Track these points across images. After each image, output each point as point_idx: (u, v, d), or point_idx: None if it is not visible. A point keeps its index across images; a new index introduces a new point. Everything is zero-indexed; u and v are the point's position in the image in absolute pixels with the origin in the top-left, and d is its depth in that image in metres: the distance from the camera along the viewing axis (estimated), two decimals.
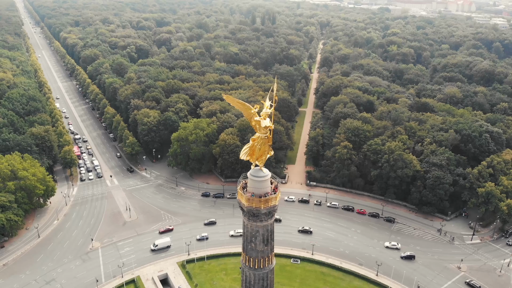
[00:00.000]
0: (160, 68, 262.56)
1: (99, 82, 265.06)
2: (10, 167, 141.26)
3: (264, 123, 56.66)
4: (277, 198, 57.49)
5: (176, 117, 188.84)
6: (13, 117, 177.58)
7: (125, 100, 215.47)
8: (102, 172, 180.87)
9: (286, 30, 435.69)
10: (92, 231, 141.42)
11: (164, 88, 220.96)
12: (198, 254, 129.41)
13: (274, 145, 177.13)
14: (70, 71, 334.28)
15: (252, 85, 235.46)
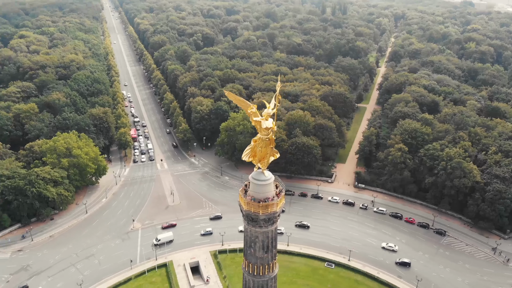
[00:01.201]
0: (220, 57, 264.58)
1: (163, 68, 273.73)
2: (66, 144, 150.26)
3: (265, 124, 52.75)
4: (278, 205, 53.52)
5: (227, 107, 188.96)
6: (76, 98, 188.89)
7: (183, 87, 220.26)
8: (155, 156, 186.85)
9: (357, 21, 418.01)
10: (136, 212, 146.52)
11: (221, 78, 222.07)
12: (232, 246, 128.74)
13: (323, 141, 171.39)
14: (139, 56, 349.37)
15: (309, 77, 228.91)
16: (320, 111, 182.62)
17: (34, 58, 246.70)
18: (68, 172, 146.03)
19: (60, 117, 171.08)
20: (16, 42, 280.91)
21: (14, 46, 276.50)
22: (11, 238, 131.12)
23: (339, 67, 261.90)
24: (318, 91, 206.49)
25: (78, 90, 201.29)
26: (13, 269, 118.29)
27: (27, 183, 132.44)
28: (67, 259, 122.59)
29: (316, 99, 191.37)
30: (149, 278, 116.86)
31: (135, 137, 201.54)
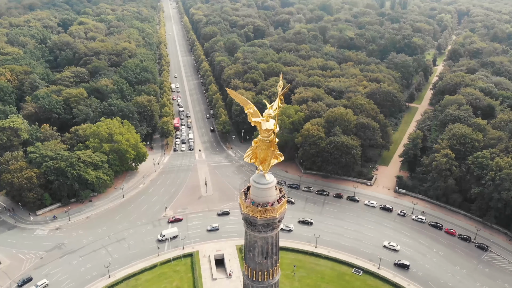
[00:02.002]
0: (268, 50, 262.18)
1: (211, 59, 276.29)
2: (108, 130, 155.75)
3: (265, 126, 50.10)
4: (278, 211, 50.80)
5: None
6: (123, 85, 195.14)
7: (227, 79, 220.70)
8: (194, 146, 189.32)
9: (416, 16, 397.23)
10: (169, 200, 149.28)
11: (265, 71, 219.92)
12: None
13: (364, 142, 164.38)
14: (191, 46, 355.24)
15: (357, 73, 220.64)
16: (364, 109, 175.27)
17: (90, 44, 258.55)
18: (108, 157, 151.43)
19: (106, 103, 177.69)
20: (75, 29, 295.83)
21: (73, 32, 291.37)
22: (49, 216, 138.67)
23: (391, 64, 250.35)
24: (364, 88, 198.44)
25: (127, 78, 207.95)
26: (48, 246, 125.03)
27: (68, 165, 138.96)
28: (100, 241, 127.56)
29: (362, 97, 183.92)
30: (174, 267, 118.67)
31: (178, 126, 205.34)
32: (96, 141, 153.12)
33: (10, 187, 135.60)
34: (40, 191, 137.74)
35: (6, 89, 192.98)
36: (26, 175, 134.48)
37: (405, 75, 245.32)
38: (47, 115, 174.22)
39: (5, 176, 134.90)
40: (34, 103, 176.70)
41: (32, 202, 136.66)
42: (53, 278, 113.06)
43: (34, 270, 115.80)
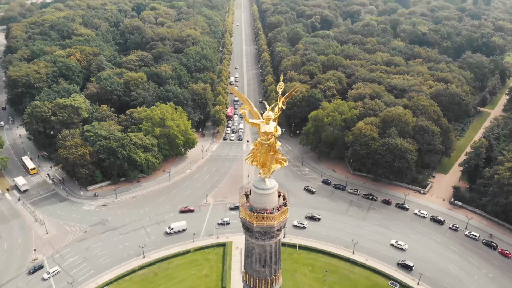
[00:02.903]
0: (331, 42, 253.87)
1: (272, 49, 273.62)
2: (161, 115, 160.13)
3: (263, 128, 46.80)
4: (276, 219, 47.59)
5: (320, 95, 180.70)
6: (181, 72, 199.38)
7: (283, 71, 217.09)
8: (243, 136, 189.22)
9: (500, 14, 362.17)
10: (212, 188, 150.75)
11: (324, 63, 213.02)
12: (292, 240, 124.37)
13: (422, 146, 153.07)
14: (256, 36, 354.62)
15: (424, 71, 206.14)
16: (425, 111, 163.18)
17: (157, 30, 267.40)
18: (159, 141, 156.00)
19: (163, 88, 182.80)
20: (147, 14, 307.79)
21: (144, 17, 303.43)
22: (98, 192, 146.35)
23: (464, 63, 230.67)
24: (429, 88, 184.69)
25: (186, 65, 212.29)
26: (93, 221, 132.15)
27: (120, 146, 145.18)
28: (141, 221, 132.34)
29: (425, 97, 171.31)
30: (206, 255, 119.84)
31: (230, 115, 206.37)
32: (149, 124, 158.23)
33: (65, 162, 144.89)
34: (92, 168, 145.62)
35: (74, 69, 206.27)
36: (80, 152, 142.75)
37: (479, 76, 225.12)
38: (108, 96, 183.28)
39: (61, 151, 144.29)
40: (97, 84, 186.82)
41: (84, 178, 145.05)
42: (92, 252, 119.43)
43: (77, 242, 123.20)
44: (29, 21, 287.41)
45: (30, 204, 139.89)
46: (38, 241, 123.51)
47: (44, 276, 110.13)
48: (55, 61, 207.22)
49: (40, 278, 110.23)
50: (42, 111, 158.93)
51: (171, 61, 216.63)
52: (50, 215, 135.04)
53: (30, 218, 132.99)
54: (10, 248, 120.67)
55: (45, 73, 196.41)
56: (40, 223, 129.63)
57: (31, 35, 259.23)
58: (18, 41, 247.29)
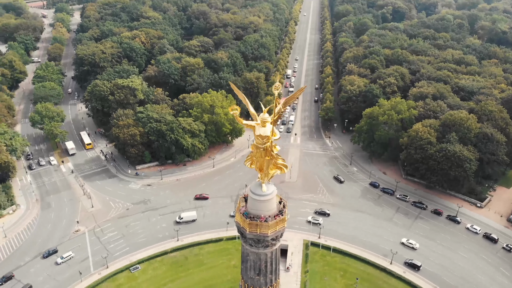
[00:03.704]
0: (399, 35, 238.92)
1: (335, 39, 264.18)
2: (211, 102, 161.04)
3: (259, 131, 43.21)
4: (271, 228, 44.28)
5: (379, 91, 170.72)
6: (237, 59, 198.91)
7: (343, 63, 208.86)
8: (292, 129, 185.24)
9: None
10: (252, 178, 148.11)
11: (388, 57, 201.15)
12: (328, 242, 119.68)
13: (484, 156, 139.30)
14: (321, 25, 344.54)
15: (498, 73, 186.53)
16: (492, 117, 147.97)
17: (222, 16, 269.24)
18: (206, 127, 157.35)
19: (217, 75, 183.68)
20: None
21: (211, 2, 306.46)
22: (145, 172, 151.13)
23: None
24: (501, 93, 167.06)
25: (244, 52, 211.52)
26: (136, 199, 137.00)
27: (169, 129, 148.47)
28: (180, 204, 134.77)
29: (494, 102, 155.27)
30: (237, 245, 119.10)
31: None
32: (199, 110, 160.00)
33: (117, 141, 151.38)
34: (142, 149, 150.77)
35: (138, 51, 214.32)
36: (131, 132, 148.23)
37: None
38: (165, 79, 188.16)
39: (114, 130, 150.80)
40: (155, 67, 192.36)
41: (134, 157, 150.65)
42: (130, 230, 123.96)
43: (118, 219, 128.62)
44: (103, 1, 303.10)
45: (82, 178, 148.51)
46: (83, 214, 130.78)
47: (57, 261, 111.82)
48: (120, 42, 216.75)
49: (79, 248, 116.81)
50: (101, 90, 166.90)
51: (230, 48, 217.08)
52: (98, 190, 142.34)
53: (79, 190, 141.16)
54: (57, 218, 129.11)
55: (110, 53, 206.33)
56: (87, 197, 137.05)
57: (103, 16, 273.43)
58: (90, 21, 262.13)
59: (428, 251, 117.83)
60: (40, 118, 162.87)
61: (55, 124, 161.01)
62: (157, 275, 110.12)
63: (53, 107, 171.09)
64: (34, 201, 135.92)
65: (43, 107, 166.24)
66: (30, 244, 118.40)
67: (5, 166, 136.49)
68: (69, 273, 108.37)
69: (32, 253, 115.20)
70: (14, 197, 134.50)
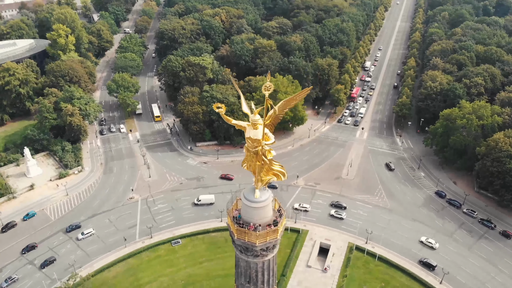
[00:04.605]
0: (497, 31, 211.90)
1: (425, 29, 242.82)
2: (275, 86, 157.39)
3: (248, 133, 38.60)
4: (258, 237, 40.15)
5: (462, 92, 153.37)
6: (311, 44, 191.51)
7: (429, 56, 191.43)
8: (361, 122, 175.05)
9: None
10: (307, 170, 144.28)
11: (479, 55, 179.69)
12: (375, 249, 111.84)
13: None
14: (414, 12, 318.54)
15: None
16: None
17: None
18: None
19: (287, 59, 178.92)
20: None
21: None
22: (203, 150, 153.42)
23: None
24: None
25: (320, 37, 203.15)
26: (190, 175, 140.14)
27: (229, 111, 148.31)
28: (230, 186, 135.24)
29: None
30: None
31: (354, 96, 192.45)
32: (261, 94, 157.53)
33: (181, 117, 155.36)
34: (203, 127, 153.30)
35: (216, 29, 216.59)
36: (194, 110, 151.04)
37: None
38: (236, 60, 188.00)
39: (180, 106, 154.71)
40: (228, 47, 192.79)
41: (195, 134, 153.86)
42: (180, 204, 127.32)
43: (170, 192, 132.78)
44: None
45: (145, 148, 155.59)
46: (140, 183, 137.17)
47: (78, 237, 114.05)
48: (201, 20, 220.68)
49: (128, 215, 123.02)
50: (173, 65, 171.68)
51: (307, 31, 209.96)
52: (157, 161, 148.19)
53: (140, 160, 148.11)
54: (116, 183, 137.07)
55: (189, 30, 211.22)
56: (147, 167, 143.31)
57: None
58: None
59: (486, 275, 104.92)
60: (116, 87, 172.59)
61: (128, 94, 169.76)
62: (196, 252, 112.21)
63: (130, 77, 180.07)
64: (99, 165, 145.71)
65: (120, 77, 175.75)
66: (86, 205, 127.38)
67: (77, 129, 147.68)
68: (114, 238, 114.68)
69: (88, 213, 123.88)
70: (82, 159, 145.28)
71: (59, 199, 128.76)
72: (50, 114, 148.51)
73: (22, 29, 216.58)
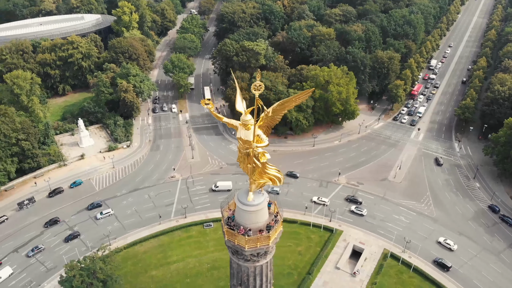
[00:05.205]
0: None
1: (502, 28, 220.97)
2: (327, 77, 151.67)
3: (239, 133, 35.53)
4: (247, 242, 37.66)
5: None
6: (373, 35, 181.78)
7: (501, 57, 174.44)
8: (418, 122, 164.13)
9: None
10: (351, 168, 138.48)
11: None
12: (412, 260, 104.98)
13: None
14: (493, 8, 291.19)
15: None
16: None
17: None
18: (315, 103, 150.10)
19: (344, 49, 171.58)
20: None
21: None
22: None
23: None
24: None
25: (384, 28, 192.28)
26: (231, 160, 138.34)
27: (276, 99, 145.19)
28: None
29: None
30: (310, 233, 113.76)
31: (415, 94, 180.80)
32: (312, 84, 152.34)
33: (229, 102, 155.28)
34: None
35: (277, 14, 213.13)
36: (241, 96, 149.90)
37: None
38: (292, 47, 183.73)
39: (228, 91, 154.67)
40: (285, 33, 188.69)
41: None
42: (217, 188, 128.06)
43: (210, 175, 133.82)
44: None
45: (192, 129, 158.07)
46: (183, 163, 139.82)
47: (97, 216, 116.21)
48: (262, 3, 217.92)
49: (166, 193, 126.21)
50: (227, 49, 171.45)
51: (371, 21, 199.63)
52: (202, 143, 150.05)
53: (186, 140, 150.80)
54: (160, 161, 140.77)
55: (249, 14, 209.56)
56: (191, 148, 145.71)
57: None
58: None
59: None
60: (172, 67, 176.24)
61: (182, 75, 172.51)
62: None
63: (186, 59, 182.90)
64: (147, 142, 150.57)
65: (177, 57, 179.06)
66: (130, 179, 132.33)
67: (130, 105, 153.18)
68: (151, 214, 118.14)
69: (129, 187, 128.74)
70: (132, 135, 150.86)
71: (106, 171, 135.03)
72: (107, 89, 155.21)
73: (91, 4, 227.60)
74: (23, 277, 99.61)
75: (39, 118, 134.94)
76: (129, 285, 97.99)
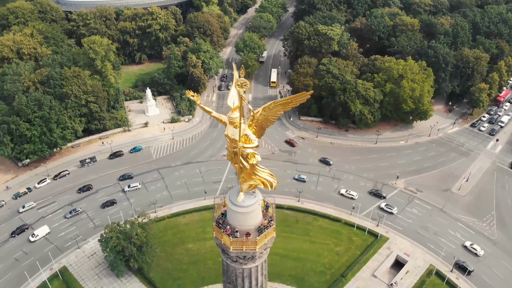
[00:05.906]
0: None
1: None
2: (402, 71, 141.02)
3: (227, 131, 32.43)
4: (233, 244, 35.47)
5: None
6: (462, 30, 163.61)
7: None
8: (498, 132, 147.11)
9: None
10: (413, 172, 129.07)
11: None
12: (458, 281, 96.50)
13: None
14: None
15: None
16: None
17: None
18: (384, 98, 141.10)
19: (426, 43, 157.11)
20: None
21: None
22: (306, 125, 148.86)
23: None
24: None
25: (476, 24, 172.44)
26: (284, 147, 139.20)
27: (341, 89, 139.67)
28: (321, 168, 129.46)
29: None
30: (353, 234, 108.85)
31: (501, 101, 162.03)
32: (383, 77, 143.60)
33: (292, 87, 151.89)
34: (311, 101, 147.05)
35: None
36: (305, 82, 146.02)
37: None
38: (370, 35, 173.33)
39: (292, 75, 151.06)
40: (365, 19, 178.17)
41: (301, 107, 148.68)
42: None
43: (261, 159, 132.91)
44: None
45: None
46: None
47: (125, 189, 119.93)
48: None
49: None
50: (300, 32, 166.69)
51: (463, 15, 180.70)
52: None
53: None
54: (216, 138, 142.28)
55: None
56: None
57: None
58: None
59: None
60: (243, 46, 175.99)
61: (252, 55, 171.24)
62: None
63: (258, 38, 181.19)
64: (208, 118, 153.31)
65: (249, 36, 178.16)
66: (185, 152, 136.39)
67: (197, 80, 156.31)
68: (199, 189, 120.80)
69: (184, 159, 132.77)
70: (194, 109, 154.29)
71: (165, 141, 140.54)
72: (177, 62, 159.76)
73: None
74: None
75: (110, 83, 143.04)
76: (165, 253, 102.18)
